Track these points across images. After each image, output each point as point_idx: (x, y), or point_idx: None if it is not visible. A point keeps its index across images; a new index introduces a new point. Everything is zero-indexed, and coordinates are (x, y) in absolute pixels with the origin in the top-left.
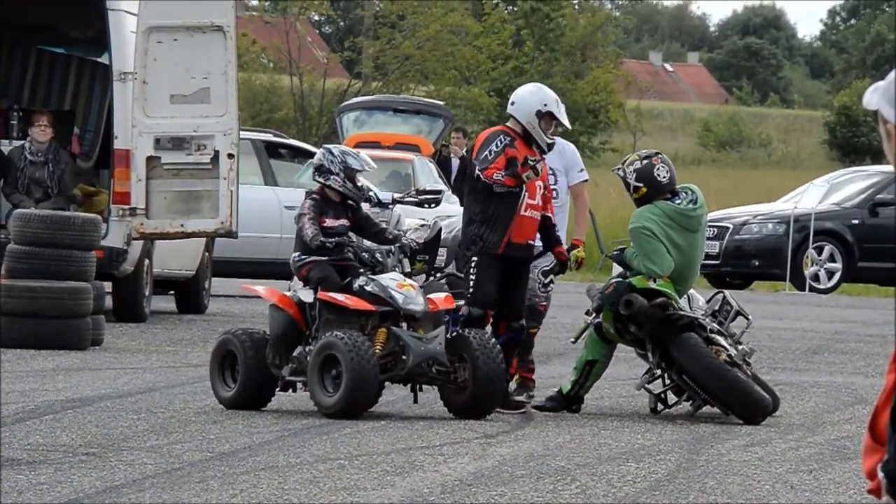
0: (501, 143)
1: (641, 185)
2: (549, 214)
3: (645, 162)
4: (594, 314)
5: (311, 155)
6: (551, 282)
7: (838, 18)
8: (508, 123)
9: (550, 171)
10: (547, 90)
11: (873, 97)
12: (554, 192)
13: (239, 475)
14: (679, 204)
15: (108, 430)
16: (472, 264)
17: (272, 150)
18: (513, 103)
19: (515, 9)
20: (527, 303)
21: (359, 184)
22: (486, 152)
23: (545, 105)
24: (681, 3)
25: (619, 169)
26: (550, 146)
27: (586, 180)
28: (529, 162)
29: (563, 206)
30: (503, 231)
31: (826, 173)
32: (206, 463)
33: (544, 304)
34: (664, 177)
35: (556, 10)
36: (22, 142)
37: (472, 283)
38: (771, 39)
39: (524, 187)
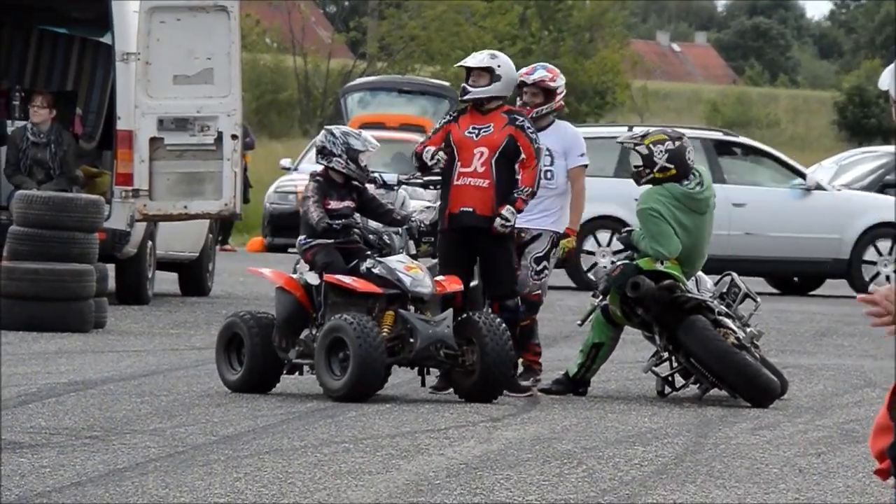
0: (444, 121)
1: (672, 166)
2: (518, 176)
3: (678, 143)
4: (601, 296)
5: (764, 153)
6: (545, 269)
7: None
8: None
9: (547, 153)
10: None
11: (886, 78)
12: (549, 174)
13: (243, 458)
14: (687, 186)
15: (111, 414)
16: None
17: (724, 147)
18: None
19: None
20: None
21: (362, 164)
22: (432, 129)
23: (464, 64)
24: None
25: (637, 144)
26: (469, 97)
27: (586, 165)
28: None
29: (559, 190)
30: (445, 204)
31: (835, 154)
32: (209, 446)
33: (538, 293)
34: (692, 159)
35: None
36: (24, 122)
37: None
38: (779, 19)
39: (456, 155)
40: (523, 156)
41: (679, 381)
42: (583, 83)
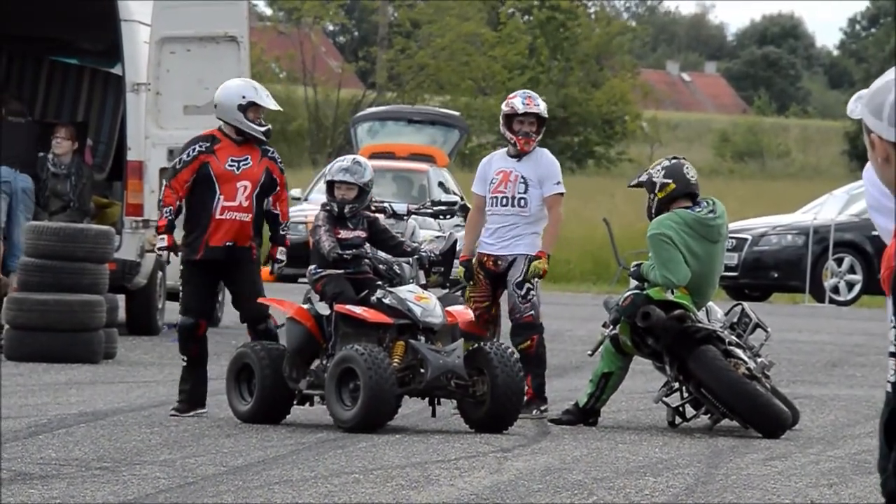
0: (195, 151)
1: (670, 181)
2: (276, 211)
3: (674, 161)
4: (610, 326)
5: None
6: (529, 290)
7: (858, 27)
8: (220, 126)
9: (522, 180)
10: (245, 83)
11: (856, 106)
12: (522, 202)
13: (253, 489)
14: (699, 213)
15: (121, 444)
16: (180, 274)
17: None
18: (216, 106)
19: (531, 18)
20: (513, 321)
21: (339, 196)
22: (177, 160)
23: (244, 97)
24: (698, 12)
25: (640, 177)
26: (267, 133)
27: (562, 194)
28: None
29: (532, 218)
30: (200, 235)
31: (846, 184)
32: (219, 477)
33: (530, 314)
34: (692, 176)
35: (571, 19)
36: (41, 154)
37: (181, 293)
38: (789, 49)
39: (218, 189)
40: (278, 188)
41: (690, 411)
42: (591, 113)
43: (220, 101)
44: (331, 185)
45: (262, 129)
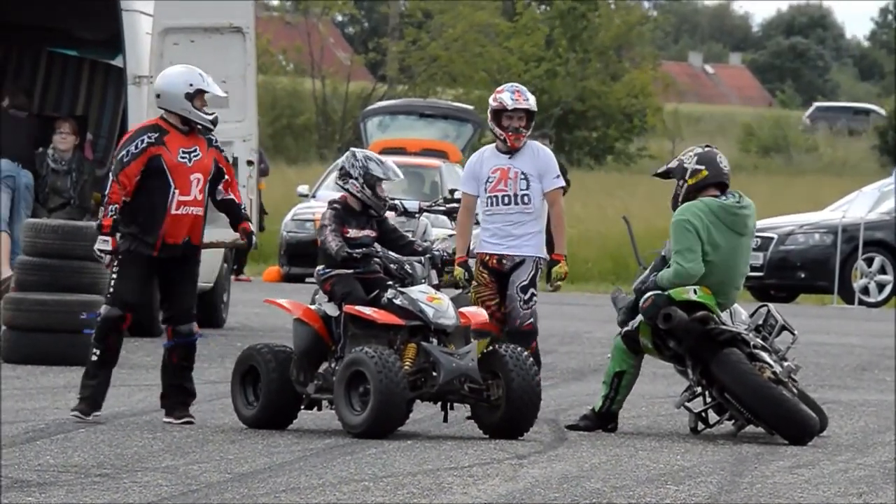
0: (143, 143)
1: (703, 167)
2: (230, 196)
3: (706, 149)
4: (621, 328)
5: None
6: (533, 296)
7: (890, 17)
8: (163, 116)
9: (522, 176)
10: (189, 70)
11: None
12: (525, 198)
13: (259, 497)
14: (726, 202)
15: (122, 450)
16: (116, 263)
17: None
18: (158, 96)
19: (549, 8)
20: (512, 326)
21: (380, 193)
22: (124, 153)
23: (191, 84)
24: (722, 1)
25: (668, 164)
26: (214, 121)
27: (562, 187)
28: (180, 160)
29: (535, 214)
30: (155, 233)
31: (876, 180)
32: (224, 484)
33: (530, 322)
34: (725, 166)
35: (592, 9)
36: (40, 149)
37: (112, 282)
38: (817, 39)
39: (172, 183)
40: (227, 177)
41: (713, 417)
42: (610, 106)
43: (164, 89)
44: (373, 182)
45: (210, 117)
